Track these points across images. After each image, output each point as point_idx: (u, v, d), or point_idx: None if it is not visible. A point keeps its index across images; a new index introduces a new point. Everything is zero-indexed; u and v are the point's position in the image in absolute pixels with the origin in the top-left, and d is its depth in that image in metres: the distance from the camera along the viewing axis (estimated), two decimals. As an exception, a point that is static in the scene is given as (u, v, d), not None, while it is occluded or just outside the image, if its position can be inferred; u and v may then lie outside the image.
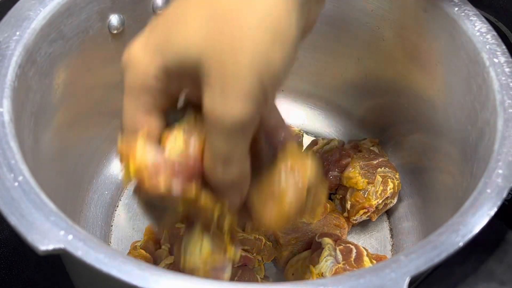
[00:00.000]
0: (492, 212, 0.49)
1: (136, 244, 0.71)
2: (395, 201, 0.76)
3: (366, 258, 0.68)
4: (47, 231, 0.46)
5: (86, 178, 0.77)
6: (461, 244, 0.46)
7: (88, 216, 0.76)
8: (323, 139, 0.83)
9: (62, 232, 0.46)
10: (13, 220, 0.47)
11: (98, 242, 0.47)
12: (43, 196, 0.49)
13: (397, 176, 0.76)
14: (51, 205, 0.49)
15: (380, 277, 0.44)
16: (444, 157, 0.69)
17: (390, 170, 0.75)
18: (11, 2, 0.61)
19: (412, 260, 0.45)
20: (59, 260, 0.66)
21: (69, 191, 0.72)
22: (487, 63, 0.60)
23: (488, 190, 0.50)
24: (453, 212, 0.50)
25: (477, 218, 0.48)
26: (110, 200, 0.80)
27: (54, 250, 0.46)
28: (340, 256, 0.68)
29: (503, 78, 0.58)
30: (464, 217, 0.49)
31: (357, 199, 0.74)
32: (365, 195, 0.74)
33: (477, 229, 0.47)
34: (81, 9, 0.66)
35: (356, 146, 0.80)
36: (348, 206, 0.75)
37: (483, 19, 0.64)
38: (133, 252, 0.70)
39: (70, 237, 0.46)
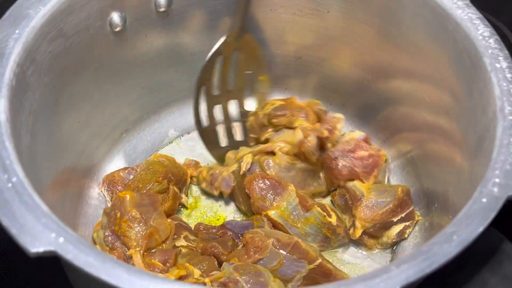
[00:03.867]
0: (486, 223, 0.48)
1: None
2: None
3: None
4: (38, 233, 0.47)
5: (87, 175, 0.77)
6: (453, 255, 0.46)
7: (88, 213, 0.76)
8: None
9: (53, 235, 0.47)
10: (5, 221, 0.47)
11: (88, 245, 0.47)
12: (36, 198, 0.49)
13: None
14: (43, 207, 0.49)
15: (369, 287, 0.44)
16: (447, 164, 0.68)
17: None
18: (10, 2, 0.61)
19: (403, 270, 0.45)
20: (57, 262, 0.65)
21: (69, 188, 0.72)
22: (489, 68, 0.59)
23: (484, 200, 0.50)
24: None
25: (471, 229, 0.48)
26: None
27: (45, 252, 0.46)
28: None
29: (504, 84, 0.57)
30: (457, 227, 0.48)
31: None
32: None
33: (470, 240, 0.47)
34: (82, 7, 0.66)
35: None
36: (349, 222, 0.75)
37: (487, 22, 0.63)
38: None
39: (61, 239, 0.47)
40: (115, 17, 0.70)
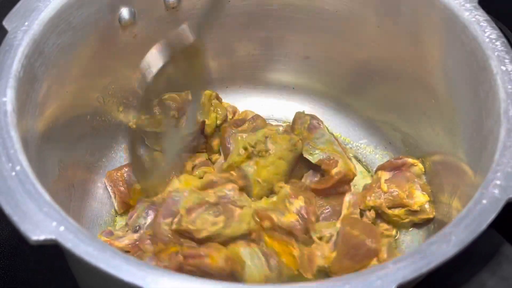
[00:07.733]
0: (486, 224, 0.48)
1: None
2: None
3: None
4: (40, 222, 0.47)
5: (93, 169, 0.78)
6: (451, 254, 0.46)
7: (93, 206, 0.76)
8: None
9: (54, 223, 0.47)
10: (8, 209, 0.48)
11: (89, 235, 0.47)
12: (39, 187, 0.50)
13: None
14: (46, 196, 0.49)
15: (366, 284, 0.44)
16: (451, 165, 0.68)
17: None
18: (11, 2, 0.62)
19: (400, 268, 0.45)
20: (58, 260, 0.66)
21: (75, 181, 0.73)
22: (495, 70, 0.59)
23: (484, 201, 0.50)
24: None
25: (470, 229, 0.48)
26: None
27: (45, 240, 0.46)
28: None
29: (509, 87, 0.57)
30: (456, 227, 0.48)
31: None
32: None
33: (469, 240, 0.47)
34: (92, 1, 0.67)
35: None
36: None
37: (494, 25, 0.62)
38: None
39: (62, 228, 0.47)
40: (125, 12, 0.71)
